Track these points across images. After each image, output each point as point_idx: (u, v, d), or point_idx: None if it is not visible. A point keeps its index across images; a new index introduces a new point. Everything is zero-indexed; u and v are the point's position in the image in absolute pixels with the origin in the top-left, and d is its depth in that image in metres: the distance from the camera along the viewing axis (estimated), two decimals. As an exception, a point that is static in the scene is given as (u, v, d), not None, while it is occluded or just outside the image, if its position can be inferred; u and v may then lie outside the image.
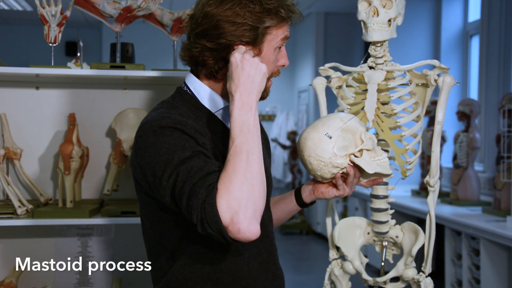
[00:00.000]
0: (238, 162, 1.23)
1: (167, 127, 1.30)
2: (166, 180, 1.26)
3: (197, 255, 1.38)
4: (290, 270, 5.40)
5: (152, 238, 1.44)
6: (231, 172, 1.22)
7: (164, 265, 1.40)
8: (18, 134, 2.28)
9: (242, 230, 1.19)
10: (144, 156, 1.31)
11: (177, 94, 1.46)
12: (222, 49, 1.36)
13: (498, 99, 4.41)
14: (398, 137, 1.82)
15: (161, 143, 1.29)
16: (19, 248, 2.31)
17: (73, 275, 2.34)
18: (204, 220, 1.20)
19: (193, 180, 1.23)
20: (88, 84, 2.35)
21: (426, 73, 1.85)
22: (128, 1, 2.15)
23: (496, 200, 3.72)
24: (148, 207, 1.42)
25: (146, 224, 1.45)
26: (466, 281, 3.58)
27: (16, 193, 2.11)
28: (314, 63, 7.18)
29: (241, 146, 1.25)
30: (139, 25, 2.98)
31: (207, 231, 1.21)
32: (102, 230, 2.36)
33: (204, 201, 1.20)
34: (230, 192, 1.20)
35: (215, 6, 1.34)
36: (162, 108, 1.40)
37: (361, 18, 1.85)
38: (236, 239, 1.20)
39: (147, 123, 1.34)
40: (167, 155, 1.27)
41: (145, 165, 1.31)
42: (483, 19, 4.68)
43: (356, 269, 1.97)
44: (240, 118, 1.27)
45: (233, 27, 1.34)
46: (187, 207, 1.23)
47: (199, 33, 1.36)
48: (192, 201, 1.21)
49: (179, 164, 1.25)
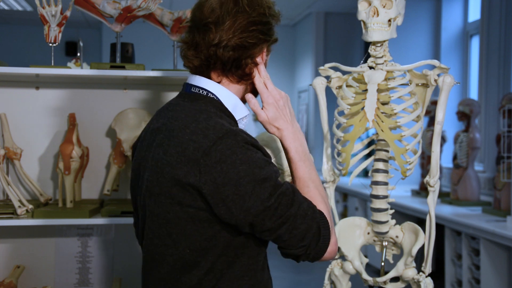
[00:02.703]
0: (321, 190, 1.42)
1: (250, 143, 1.30)
2: (266, 200, 1.27)
3: (244, 268, 1.38)
4: (290, 270, 5.39)
5: (187, 257, 1.35)
6: (322, 199, 1.39)
7: (195, 284, 1.35)
8: (18, 134, 2.28)
9: (335, 251, 1.38)
10: (229, 172, 1.26)
11: (207, 101, 1.40)
12: (258, 51, 1.41)
13: (498, 99, 4.41)
14: (398, 137, 1.82)
15: (254, 161, 1.28)
16: (19, 248, 2.31)
17: (73, 275, 2.34)
18: (314, 241, 1.32)
19: (296, 203, 1.31)
20: (88, 84, 2.35)
21: (426, 73, 1.85)
22: (128, 1, 2.15)
23: (496, 200, 3.72)
24: (192, 224, 1.32)
25: (180, 242, 1.34)
26: (466, 281, 3.58)
27: (16, 193, 2.11)
28: (314, 63, 7.18)
29: (316, 176, 1.43)
30: (139, 25, 2.98)
31: (309, 252, 1.33)
32: (102, 230, 2.36)
33: (319, 223, 1.33)
34: (329, 217, 1.37)
35: (243, 10, 1.37)
36: (212, 118, 1.33)
37: (361, 18, 1.85)
38: (325, 258, 1.37)
39: (228, 137, 1.28)
40: (263, 175, 1.28)
41: (228, 181, 1.26)
42: (483, 19, 4.68)
43: (356, 269, 1.97)
44: (299, 148, 1.44)
45: (262, 27, 1.39)
46: (293, 229, 1.30)
47: (234, 36, 1.37)
48: (304, 223, 1.31)
49: (277, 186, 1.30)
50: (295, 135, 1.43)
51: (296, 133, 1.44)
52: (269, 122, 1.42)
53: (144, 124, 2.24)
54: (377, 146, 1.92)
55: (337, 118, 1.92)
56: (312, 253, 1.33)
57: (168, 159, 1.32)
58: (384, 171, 1.91)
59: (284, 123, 1.42)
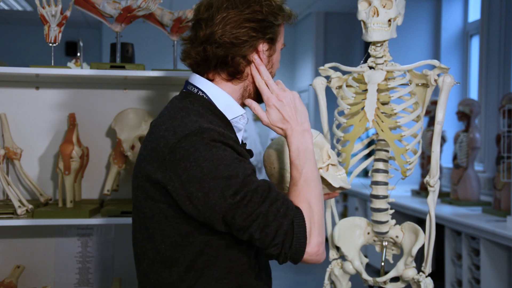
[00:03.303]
0: (313, 188, 1.35)
1: (218, 141, 1.28)
2: (231, 197, 1.24)
3: (224, 270, 1.36)
4: (290, 270, 5.40)
5: (163, 252, 1.36)
6: (310, 197, 1.33)
7: (175, 280, 1.35)
8: (18, 134, 2.28)
9: (319, 253, 1.31)
10: (192, 169, 1.25)
11: (194, 99, 1.40)
12: (248, 48, 1.38)
13: (498, 99, 4.41)
14: (398, 137, 1.82)
15: (219, 158, 1.26)
16: (19, 248, 2.31)
17: (73, 275, 2.34)
18: (288, 240, 1.26)
19: (268, 200, 1.27)
20: (88, 84, 2.35)
21: (426, 73, 1.85)
22: (128, 1, 2.15)
23: (496, 200, 3.72)
24: (165, 220, 1.34)
25: (156, 237, 1.36)
26: (466, 281, 3.58)
27: (16, 193, 2.11)
28: (314, 63, 7.17)
29: (312, 174, 1.37)
30: (139, 25, 2.98)
31: (284, 251, 1.27)
32: (102, 230, 2.36)
33: (292, 222, 1.27)
34: (312, 216, 1.31)
35: (235, 6, 1.36)
36: (190, 115, 1.33)
37: (361, 18, 1.85)
38: (308, 261, 1.30)
39: (194, 134, 1.27)
40: (228, 172, 1.25)
41: (192, 178, 1.25)
42: (483, 19, 4.68)
43: (356, 269, 1.97)
44: (301, 146, 1.38)
45: (255, 24, 1.37)
46: (264, 227, 1.25)
47: (223, 33, 1.36)
48: (275, 221, 1.26)
49: (245, 183, 1.26)
50: (298, 134, 1.40)
51: (299, 132, 1.40)
52: (272, 124, 1.42)
53: (144, 124, 2.25)
54: (377, 146, 1.92)
55: (337, 118, 1.92)
56: (288, 253, 1.28)
57: (145, 154, 1.36)
58: (384, 171, 1.91)
59: (286, 123, 1.40)
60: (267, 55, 1.43)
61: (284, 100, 1.41)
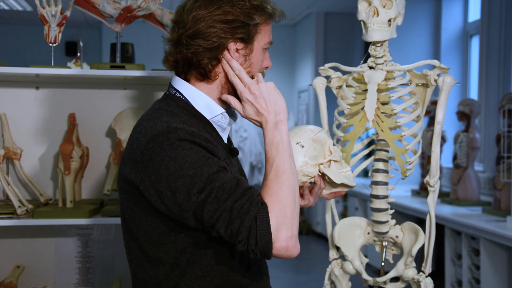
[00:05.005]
0: (283, 181, 1.30)
1: (185, 140, 1.28)
2: (195, 195, 1.24)
3: (207, 268, 1.36)
4: (290, 270, 5.40)
5: (148, 251, 1.37)
6: (278, 190, 1.28)
7: (162, 279, 1.36)
8: (18, 134, 2.28)
9: (290, 248, 1.25)
10: (160, 169, 1.26)
11: (170, 100, 1.41)
12: (216, 48, 1.37)
13: (498, 99, 4.41)
14: (398, 137, 1.82)
15: (183, 157, 1.26)
16: (19, 248, 2.31)
17: (73, 275, 2.34)
18: (252, 236, 1.23)
19: (233, 196, 1.25)
20: (88, 84, 2.35)
21: (426, 73, 1.86)
22: (128, 1, 2.15)
23: (496, 200, 3.72)
24: (145, 220, 1.35)
25: (139, 237, 1.38)
26: (466, 281, 3.58)
27: (16, 193, 2.11)
28: (314, 63, 7.18)
29: (283, 166, 1.32)
30: (139, 25, 2.98)
31: (251, 248, 1.24)
32: (102, 230, 2.36)
33: (255, 218, 1.24)
34: (281, 210, 1.26)
35: (204, 7, 1.36)
36: (163, 116, 1.34)
37: (361, 18, 1.85)
38: (279, 256, 1.26)
39: (161, 135, 1.28)
40: (193, 170, 1.25)
41: (160, 178, 1.26)
42: (483, 19, 4.68)
43: (356, 269, 1.97)
44: (274, 139, 1.35)
45: (225, 25, 1.36)
46: (228, 223, 1.24)
47: (192, 34, 1.36)
48: (238, 217, 1.23)
49: (210, 180, 1.25)
50: (272, 125, 1.36)
51: (273, 123, 1.36)
52: (248, 118, 1.40)
53: (144, 124, 2.24)
54: (377, 146, 1.92)
55: (337, 118, 1.92)
56: (256, 249, 1.24)
57: (124, 156, 1.38)
58: (384, 171, 1.91)
59: (261, 116, 1.38)
60: (243, 54, 1.41)
61: (257, 92, 1.37)
